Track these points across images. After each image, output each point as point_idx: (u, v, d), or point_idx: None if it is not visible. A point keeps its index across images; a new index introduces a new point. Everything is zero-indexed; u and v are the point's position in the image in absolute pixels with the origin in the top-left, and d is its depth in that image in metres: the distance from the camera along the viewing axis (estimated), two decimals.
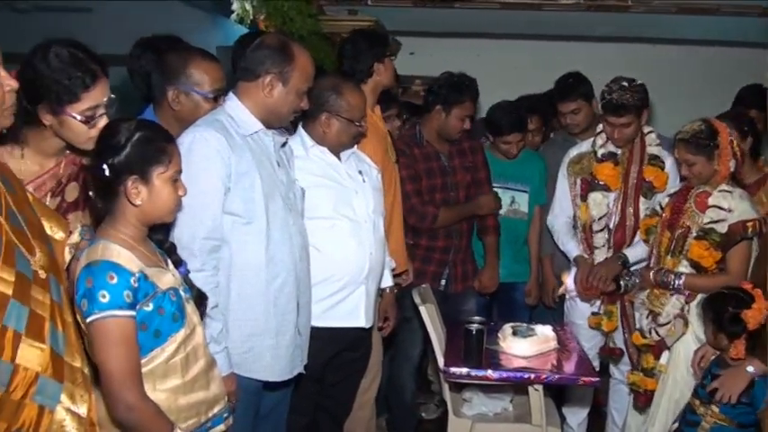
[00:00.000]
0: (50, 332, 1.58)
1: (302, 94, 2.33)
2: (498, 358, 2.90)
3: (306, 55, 2.34)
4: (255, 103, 2.29)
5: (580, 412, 3.61)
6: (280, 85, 2.28)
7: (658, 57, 5.96)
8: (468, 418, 3.09)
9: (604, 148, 3.32)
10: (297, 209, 2.44)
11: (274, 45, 2.29)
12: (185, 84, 2.36)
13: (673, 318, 2.88)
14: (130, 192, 1.73)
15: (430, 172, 3.50)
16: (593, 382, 2.83)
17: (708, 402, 2.56)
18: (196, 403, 1.82)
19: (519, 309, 3.94)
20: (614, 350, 3.35)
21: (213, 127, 2.20)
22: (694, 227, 2.84)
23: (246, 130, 2.27)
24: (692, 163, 2.83)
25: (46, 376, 1.56)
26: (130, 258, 1.71)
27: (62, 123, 1.84)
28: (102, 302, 1.64)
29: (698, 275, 2.82)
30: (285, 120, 2.38)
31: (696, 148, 2.81)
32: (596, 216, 3.32)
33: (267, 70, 2.27)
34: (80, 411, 1.62)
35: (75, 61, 1.81)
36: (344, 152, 2.83)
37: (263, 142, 2.33)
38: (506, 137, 3.79)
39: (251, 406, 2.32)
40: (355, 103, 2.73)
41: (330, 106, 2.70)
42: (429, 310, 3.16)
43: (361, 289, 2.75)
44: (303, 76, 2.31)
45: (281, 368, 2.33)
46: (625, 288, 3.19)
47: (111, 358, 1.65)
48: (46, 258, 1.63)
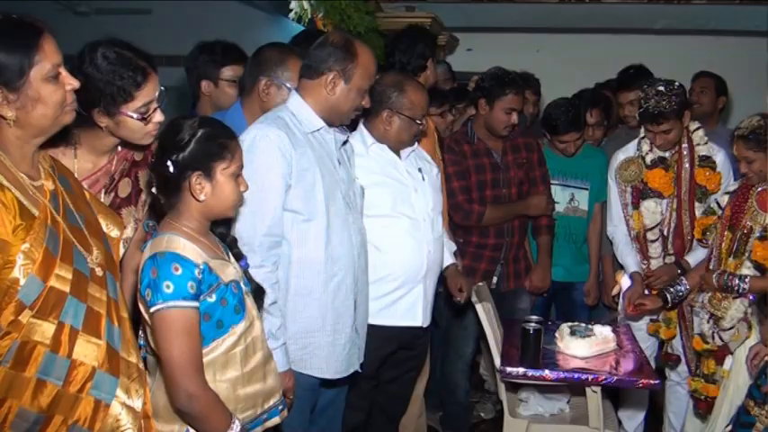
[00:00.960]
0: (107, 328, 1.63)
1: (363, 93, 2.34)
2: (555, 358, 2.87)
3: (369, 53, 2.35)
4: (317, 101, 2.31)
5: (637, 416, 3.54)
6: (342, 82, 2.29)
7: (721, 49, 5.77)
8: (524, 419, 3.05)
9: (653, 153, 3.23)
10: (356, 207, 2.45)
11: (338, 43, 2.31)
12: (279, 77, 2.49)
13: (737, 322, 2.79)
14: (194, 187, 1.77)
15: (479, 168, 3.46)
16: (652, 384, 2.77)
17: (762, 403, 2.48)
18: (253, 395, 1.85)
19: (578, 309, 3.87)
20: (671, 356, 3.27)
21: (276, 124, 2.23)
22: (757, 226, 2.76)
23: (308, 127, 2.30)
24: (752, 160, 2.75)
25: (102, 371, 1.60)
26: (195, 250, 1.75)
27: (118, 123, 1.88)
28: (166, 293, 1.68)
29: (763, 277, 2.73)
30: (346, 117, 2.39)
31: (756, 145, 2.73)
32: (650, 224, 3.24)
33: (330, 68, 2.28)
34: (135, 405, 1.66)
35: (124, 61, 1.84)
36: (405, 150, 2.83)
37: (324, 140, 2.35)
38: (563, 136, 3.72)
39: (307, 402, 2.34)
40: (417, 101, 2.73)
41: (392, 103, 2.71)
42: (485, 308, 3.13)
43: (419, 288, 2.74)
44: (365, 75, 2.32)
45: (337, 366, 2.34)
46: (672, 301, 3.10)
47: (174, 348, 1.69)
48: (103, 256, 1.68)
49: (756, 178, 2.80)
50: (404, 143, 2.79)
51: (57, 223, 1.58)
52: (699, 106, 4.11)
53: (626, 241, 3.35)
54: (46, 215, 1.56)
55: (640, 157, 3.26)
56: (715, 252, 2.95)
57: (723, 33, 5.80)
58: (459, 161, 3.42)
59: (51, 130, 1.62)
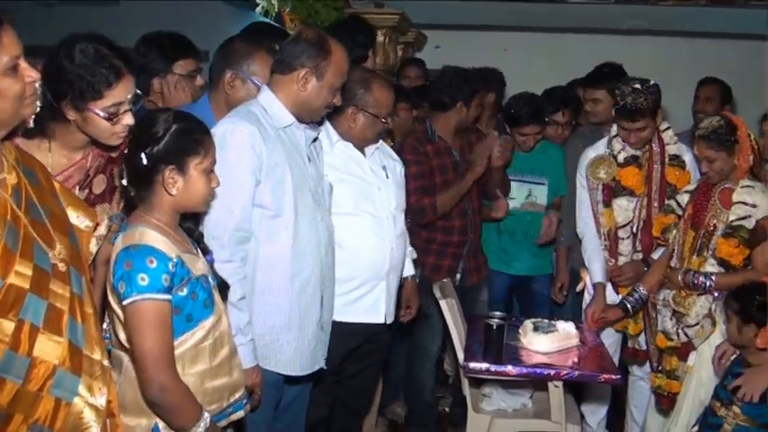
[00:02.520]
0: (69, 325, 1.60)
1: (335, 90, 2.33)
2: (518, 354, 2.90)
3: (342, 51, 2.34)
4: (289, 97, 2.29)
5: (599, 410, 3.59)
6: (314, 79, 2.28)
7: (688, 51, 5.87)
8: (487, 414, 3.08)
9: (625, 151, 3.26)
10: (325, 204, 2.45)
11: (311, 39, 2.29)
12: (245, 71, 2.46)
13: (701, 318, 2.84)
14: (167, 181, 1.78)
15: (443, 168, 3.47)
16: (614, 379, 2.81)
17: (729, 404, 2.54)
18: (220, 388, 1.86)
19: (539, 301, 3.93)
20: (638, 352, 3.31)
21: (247, 119, 2.21)
22: (720, 224, 2.81)
23: (279, 123, 2.28)
24: (713, 159, 2.80)
25: (63, 369, 1.58)
26: (167, 244, 1.75)
27: (85, 119, 1.85)
28: (141, 285, 1.68)
29: (728, 274, 2.78)
30: (317, 114, 2.38)
31: (717, 144, 2.78)
32: (622, 222, 3.27)
33: (302, 64, 2.27)
34: (98, 403, 1.64)
35: (100, 58, 1.82)
36: (369, 147, 2.83)
37: (294, 136, 2.34)
38: (523, 128, 3.75)
39: (271, 399, 2.33)
40: (383, 99, 2.73)
41: (357, 100, 2.70)
42: (449, 304, 3.16)
43: (382, 284, 2.76)
44: (338, 72, 2.31)
45: (302, 363, 2.34)
46: (633, 309, 3.15)
47: (148, 340, 1.69)
48: (67, 251, 1.65)
49: (717, 177, 2.84)
50: (368, 141, 2.79)
51: (17, 218, 1.54)
52: (703, 115, 4.12)
53: (595, 242, 3.35)
54: (6, 210, 1.52)
55: (611, 155, 3.29)
56: (677, 250, 2.99)
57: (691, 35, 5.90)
58: (421, 161, 3.42)
59: (11, 123, 1.59)
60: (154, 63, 2.75)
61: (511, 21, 5.89)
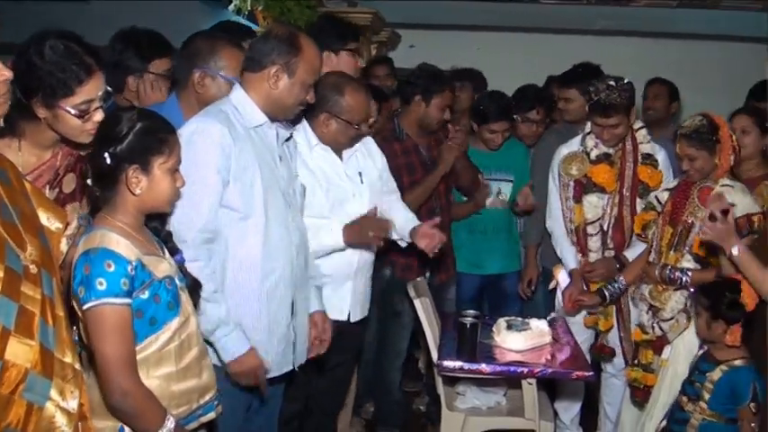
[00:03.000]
0: (40, 328, 1.57)
1: (308, 87, 2.30)
2: (492, 352, 2.91)
3: (314, 48, 2.31)
4: (260, 95, 2.26)
5: (573, 407, 3.61)
6: (285, 76, 2.24)
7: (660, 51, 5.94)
8: (461, 412, 3.09)
9: (597, 149, 3.29)
10: (296, 205, 2.42)
11: (281, 36, 2.26)
12: (213, 68, 2.42)
13: (677, 313, 2.87)
14: (131, 181, 1.75)
15: (410, 167, 3.46)
16: (586, 376, 2.84)
17: (696, 399, 2.57)
18: (188, 391, 1.84)
19: (509, 300, 3.95)
20: (605, 348, 3.34)
21: (217, 118, 2.18)
22: (698, 222, 2.83)
23: (250, 122, 2.25)
24: (694, 158, 2.82)
25: (35, 373, 1.55)
26: (128, 246, 1.72)
27: (56, 117, 1.82)
28: (99, 290, 1.66)
29: (703, 270, 2.81)
30: (290, 112, 2.35)
31: (699, 143, 2.80)
32: (591, 219, 3.30)
33: (273, 61, 2.23)
34: (70, 407, 1.62)
35: (71, 54, 1.79)
36: (347, 151, 2.81)
37: (266, 136, 2.31)
38: (492, 125, 3.76)
39: (242, 401, 2.31)
40: (356, 105, 2.70)
41: (330, 106, 2.68)
42: (423, 303, 3.16)
43: (349, 284, 2.77)
44: (310, 69, 2.28)
45: (271, 365, 2.30)
46: (611, 298, 3.18)
47: (108, 345, 1.67)
48: (38, 252, 1.62)
49: (698, 175, 2.87)
50: (342, 146, 2.77)
51: None
52: (652, 112, 4.23)
53: (564, 235, 3.41)
54: None
55: (584, 152, 3.32)
56: (655, 246, 3.02)
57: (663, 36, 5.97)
58: (389, 159, 3.40)
59: None
60: (130, 61, 2.72)
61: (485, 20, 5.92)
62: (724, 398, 2.52)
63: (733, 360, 2.52)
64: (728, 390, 2.51)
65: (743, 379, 2.48)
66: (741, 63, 5.38)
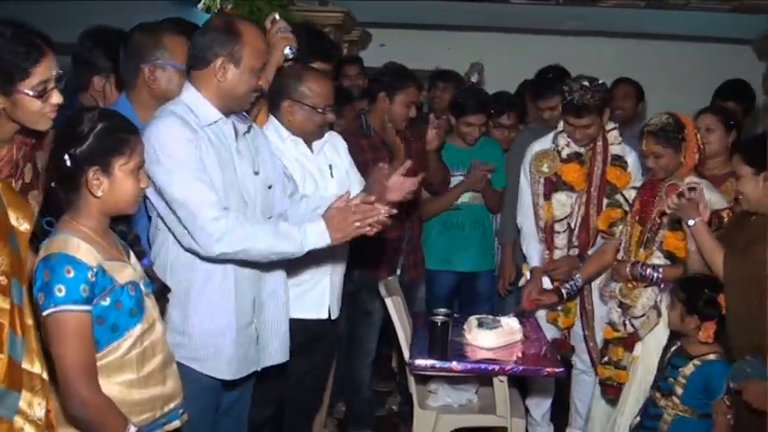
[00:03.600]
0: (9, 340, 1.56)
1: (257, 72, 2.25)
2: (463, 350, 2.92)
3: (254, 30, 2.24)
4: (211, 91, 2.21)
5: (544, 403, 3.64)
6: (232, 66, 2.18)
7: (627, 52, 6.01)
8: (433, 410, 3.10)
9: (569, 147, 3.32)
10: (257, 202, 2.36)
11: (219, 26, 2.20)
12: (160, 59, 2.37)
13: (648, 309, 2.91)
14: (91, 183, 1.73)
15: (378, 161, 3.41)
16: (556, 372, 2.86)
17: (669, 394, 2.61)
18: (151, 398, 1.81)
19: (481, 299, 3.97)
20: (564, 344, 3.38)
21: (171, 118, 2.15)
22: (666, 219, 2.87)
23: (205, 120, 2.21)
24: (660, 155, 2.87)
25: (3, 387, 1.53)
26: (89, 251, 1.70)
27: (15, 103, 1.80)
28: (58, 296, 1.63)
29: (674, 266, 2.85)
30: (245, 102, 2.30)
31: (665, 141, 2.85)
32: (559, 216, 3.34)
33: (216, 54, 2.17)
34: (37, 417, 1.60)
35: (20, 37, 1.77)
36: (317, 143, 2.80)
37: (222, 133, 2.26)
38: (469, 117, 3.79)
39: (210, 403, 2.28)
40: (318, 89, 2.68)
41: (291, 93, 2.66)
42: (395, 302, 3.17)
43: (326, 280, 2.75)
44: (255, 53, 2.21)
45: (237, 366, 2.29)
46: (567, 295, 3.21)
47: (66, 352, 1.65)
48: (8, 261, 1.60)
49: (663, 173, 2.91)
50: (310, 134, 2.75)
51: None
52: (621, 112, 4.28)
53: (533, 232, 3.44)
54: None
55: (556, 150, 3.35)
56: (624, 244, 3.05)
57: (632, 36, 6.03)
58: (356, 154, 3.39)
59: None
60: (97, 60, 2.68)
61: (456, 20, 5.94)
62: (697, 393, 2.55)
63: (706, 355, 2.56)
64: (702, 384, 2.54)
65: (716, 373, 2.52)
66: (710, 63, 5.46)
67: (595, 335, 3.29)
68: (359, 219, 2.18)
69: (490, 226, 4.03)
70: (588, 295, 3.32)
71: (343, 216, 2.19)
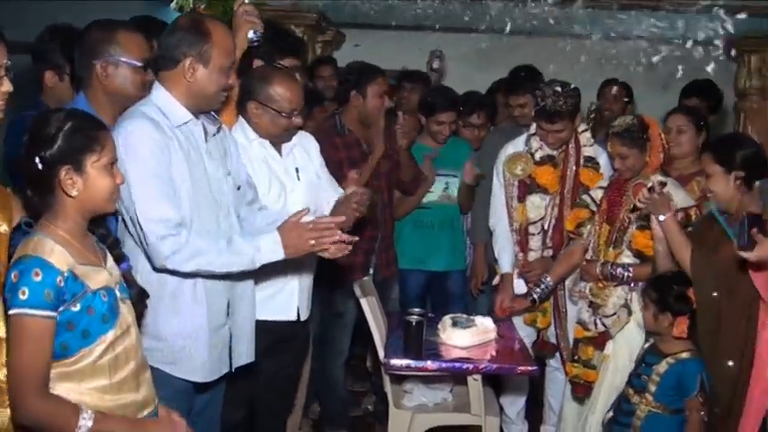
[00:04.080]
0: None
1: (227, 71, 2.23)
2: (438, 349, 2.94)
3: (223, 29, 2.23)
4: (181, 92, 2.20)
5: (517, 401, 3.67)
6: (201, 66, 2.17)
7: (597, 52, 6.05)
8: (408, 410, 3.11)
9: (542, 150, 3.35)
10: (228, 204, 2.35)
11: (187, 26, 2.18)
12: (113, 55, 2.33)
13: (618, 308, 2.94)
14: (65, 183, 1.71)
15: (352, 160, 3.45)
16: (530, 371, 2.89)
17: (642, 391, 2.64)
18: (124, 405, 1.79)
19: (454, 299, 3.98)
20: (547, 345, 3.41)
21: (142, 120, 2.13)
22: (634, 218, 2.91)
23: (175, 121, 2.19)
24: (626, 156, 2.91)
25: None
26: (62, 255, 1.67)
27: None
28: (20, 299, 1.61)
29: (643, 265, 2.88)
30: (216, 101, 2.29)
31: (630, 142, 2.89)
32: (533, 218, 3.36)
33: (185, 54, 2.15)
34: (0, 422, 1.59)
35: None
36: (286, 146, 2.79)
37: (192, 134, 2.24)
38: (440, 115, 3.81)
39: (182, 406, 2.23)
40: (284, 93, 2.65)
41: (258, 95, 2.64)
42: (370, 302, 3.17)
43: (295, 282, 2.75)
44: (224, 52, 2.19)
45: (210, 368, 2.28)
46: (539, 299, 3.25)
47: (20, 356, 1.63)
48: None
49: (629, 173, 2.95)
50: (276, 137, 2.74)
51: None
52: (609, 113, 4.34)
53: (506, 235, 3.45)
54: None
55: (529, 152, 3.38)
56: (593, 244, 3.09)
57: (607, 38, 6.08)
58: (330, 153, 3.37)
59: None
60: (51, 54, 2.66)
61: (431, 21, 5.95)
62: (670, 390, 2.60)
63: (679, 353, 2.60)
64: (675, 382, 2.58)
65: (690, 371, 2.57)
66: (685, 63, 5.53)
67: (567, 334, 3.32)
68: (314, 237, 2.19)
69: (460, 225, 4.05)
70: (561, 295, 3.35)
71: (299, 232, 2.20)
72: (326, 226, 2.22)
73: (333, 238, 2.22)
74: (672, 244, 2.62)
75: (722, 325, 2.52)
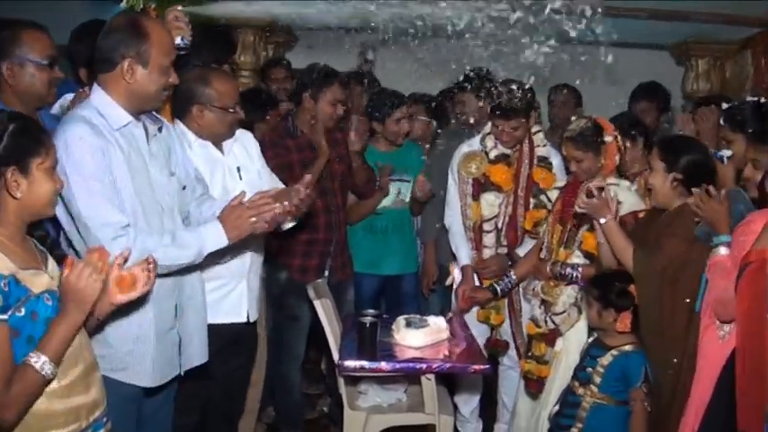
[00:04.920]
0: None
1: (167, 69, 2.20)
2: (392, 350, 2.94)
3: (160, 27, 2.21)
4: (120, 93, 2.16)
5: (472, 400, 3.71)
6: (140, 67, 2.13)
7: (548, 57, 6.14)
8: (363, 411, 3.11)
9: (496, 149, 3.40)
10: (171, 206, 2.32)
11: (124, 26, 2.14)
12: (18, 55, 2.31)
13: (568, 307, 2.99)
14: (10, 184, 1.69)
15: (304, 162, 3.45)
16: (484, 369, 2.91)
17: (587, 383, 2.69)
18: (75, 408, 1.78)
19: (407, 301, 4.00)
20: (500, 342, 3.46)
21: (81, 123, 2.09)
22: (586, 219, 2.95)
23: (115, 124, 2.15)
24: (581, 159, 2.96)
25: None
26: (3, 261, 1.65)
27: None
28: None
29: (592, 265, 2.94)
30: (157, 101, 2.26)
31: (585, 146, 2.94)
32: (487, 216, 3.41)
33: (123, 55, 2.12)
34: None
35: None
36: (227, 144, 2.77)
37: (133, 136, 2.20)
38: (395, 113, 3.81)
39: (132, 412, 2.24)
40: (225, 89, 2.66)
41: (199, 98, 2.63)
42: (324, 304, 3.16)
43: (243, 284, 2.75)
44: (163, 51, 2.16)
45: (161, 373, 2.25)
46: (502, 292, 3.29)
47: None
48: None
49: (585, 176, 3.00)
50: (222, 135, 2.73)
51: None
52: (558, 118, 4.41)
53: (461, 232, 3.50)
54: None
55: (484, 151, 3.42)
56: (546, 243, 3.14)
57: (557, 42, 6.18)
58: (280, 155, 3.39)
59: None
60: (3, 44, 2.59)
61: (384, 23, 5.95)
62: (614, 381, 2.66)
63: (623, 345, 2.66)
64: (619, 373, 2.65)
65: (633, 363, 2.63)
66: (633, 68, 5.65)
67: (522, 331, 3.37)
68: (254, 214, 2.20)
69: (412, 228, 4.08)
70: (516, 293, 3.40)
71: (238, 214, 2.21)
72: (263, 201, 2.22)
73: (272, 212, 2.22)
74: (614, 247, 2.67)
75: (665, 321, 2.58)
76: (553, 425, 2.84)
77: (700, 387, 2.41)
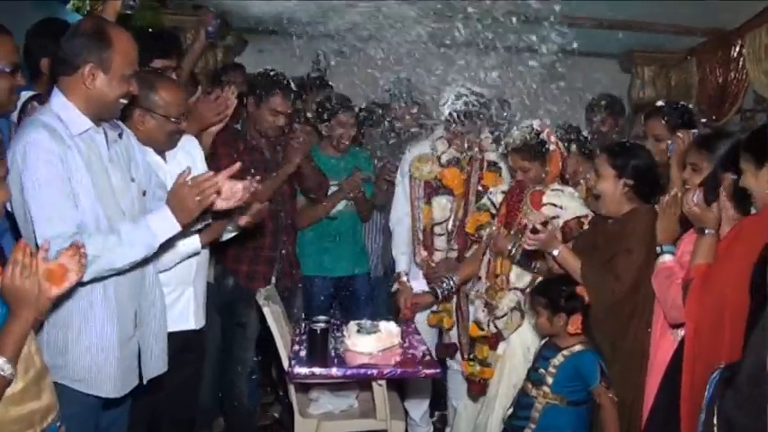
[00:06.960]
0: None
1: (128, 79, 2.18)
2: (343, 356, 2.94)
3: (126, 37, 2.17)
4: (80, 98, 2.13)
5: (422, 404, 3.73)
6: (101, 73, 2.11)
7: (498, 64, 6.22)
8: (314, 418, 3.11)
9: (448, 153, 3.44)
10: (133, 211, 2.29)
11: (89, 31, 2.12)
12: None
13: (509, 311, 3.02)
14: None
15: (256, 164, 3.41)
16: (434, 373, 2.93)
17: (539, 384, 2.72)
18: (29, 414, 1.75)
19: (360, 302, 3.99)
20: (449, 346, 3.48)
21: (40, 130, 2.05)
22: (530, 224, 2.98)
23: (75, 129, 2.12)
24: (527, 169, 3.01)
25: None
26: None
27: None
28: None
29: None
30: (115, 109, 2.23)
31: (530, 155, 2.98)
32: (438, 219, 3.44)
33: (85, 60, 2.10)
34: None
35: None
36: (170, 153, 2.74)
37: (93, 141, 2.17)
38: (341, 116, 3.79)
39: (90, 423, 2.20)
40: (170, 98, 2.61)
41: (142, 101, 2.58)
42: (273, 311, 3.14)
43: (190, 290, 2.72)
44: (125, 60, 2.15)
45: (120, 384, 2.21)
46: (442, 295, 3.32)
47: None
48: None
49: (531, 183, 3.06)
50: (160, 143, 2.68)
51: None
52: None
53: (405, 237, 3.52)
54: None
55: (435, 155, 3.45)
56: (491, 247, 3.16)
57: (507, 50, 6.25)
58: (232, 156, 3.32)
59: None
60: None
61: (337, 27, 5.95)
62: (567, 381, 2.69)
63: (573, 346, 2.70)
64: (572, 373, 2.68)
65: (586, 362, 2.67)
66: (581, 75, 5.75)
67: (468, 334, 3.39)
68: (198, 193, 2.16)
69: (361, 231, 4.07)
70: (463, 296, 3.42)
71: (182, 196, 2.16)
72: (205, 178, 2.18)
73: (216, 187, 2.19)
74: (570, 271, 2.74)
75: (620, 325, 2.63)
76: (507, 426, 2.87)
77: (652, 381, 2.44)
